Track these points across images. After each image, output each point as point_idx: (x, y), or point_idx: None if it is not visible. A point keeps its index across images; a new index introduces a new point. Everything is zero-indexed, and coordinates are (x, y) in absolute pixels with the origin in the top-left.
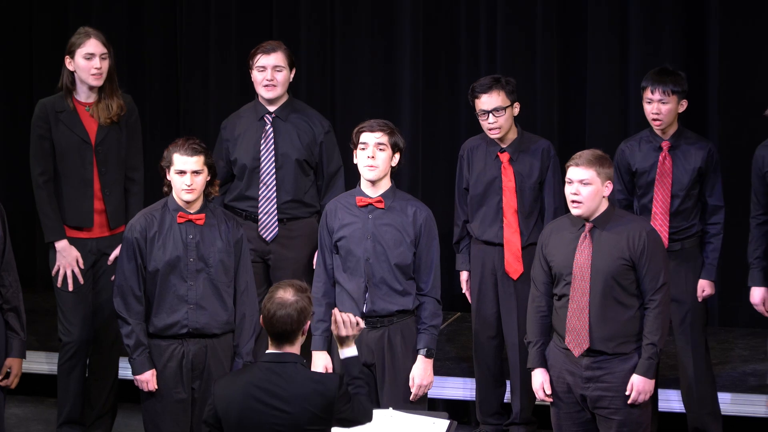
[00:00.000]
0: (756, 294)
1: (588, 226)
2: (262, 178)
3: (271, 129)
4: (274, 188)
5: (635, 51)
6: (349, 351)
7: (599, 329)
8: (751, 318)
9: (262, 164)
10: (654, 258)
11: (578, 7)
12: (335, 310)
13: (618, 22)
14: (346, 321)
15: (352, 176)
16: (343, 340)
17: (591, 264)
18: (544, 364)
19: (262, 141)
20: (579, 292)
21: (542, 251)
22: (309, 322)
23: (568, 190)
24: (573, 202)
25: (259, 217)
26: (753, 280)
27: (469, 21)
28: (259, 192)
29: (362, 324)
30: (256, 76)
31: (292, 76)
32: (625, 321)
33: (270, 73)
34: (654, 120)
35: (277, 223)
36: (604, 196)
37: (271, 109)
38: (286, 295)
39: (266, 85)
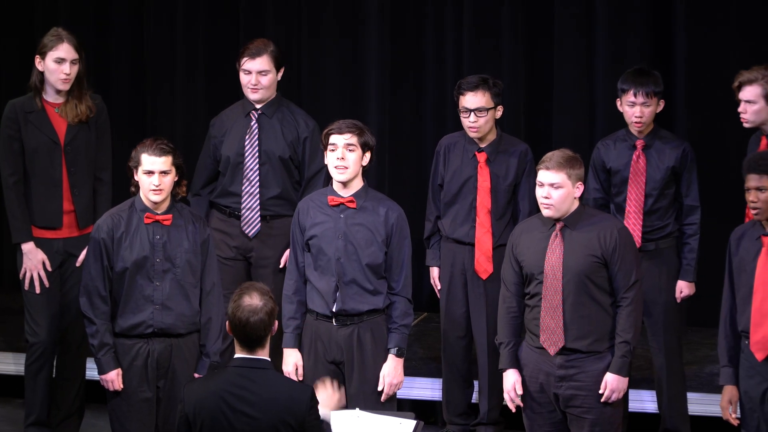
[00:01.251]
0: None
1: (559, 225)
2: (245, 173)
3: (256, 125)
4: (257, 184)
5: (602, 52)
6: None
7: (573, 327)
8: (718, 318)
9: (246, 160)
10: (626, 256)
11: (544, 8)
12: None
13: (584, 23)
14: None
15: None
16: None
17: (563, 263)
18: (515, 364)
19: (247, 137)
20: (551, 291)
21: (512, 251)
22: (276, 323)
23: (539, 193)
24: (544, 204)
25: (242, 212)
26: None
27: (436, 21)
28: (242, 188)
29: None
30: (243, 78)
31: (281, 75)
32: (599, 318)
33: (255, 77)
34: (636, 122)
35: (259, 219)
36: (575, 197)
37: (258, 105)
38: (253, 300)
39: (251, 89)
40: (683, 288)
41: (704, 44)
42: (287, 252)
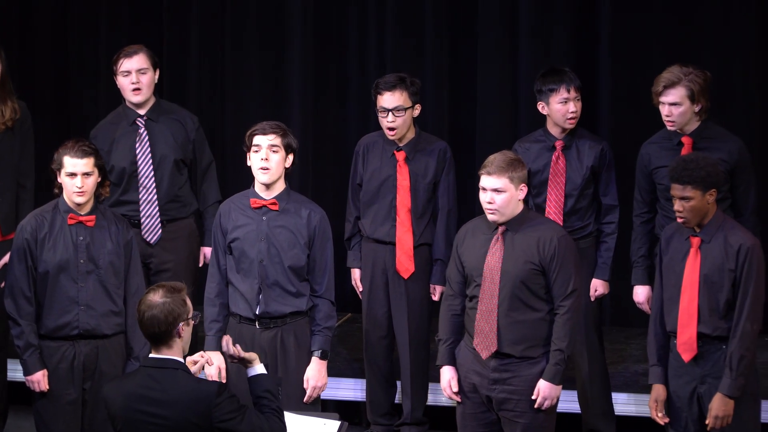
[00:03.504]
0: (640, 292)
1: (501, 229)
2: (141, 181)
3: (145, 132)
4: (154, 190)
5: (526, 50)
6: (254, 370)
7: (507, 332)
8: (644, 318)
9: (140, 167)
10: (565, 264)
11: (468, 6)
12: (226, 341)
13: (509, 21)
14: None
15: (247, 177)
16: (244, 362)
17: (501, 267)
18: (452, 361)
19: (137, 144)
20: (488, 295)
21: (457, 251)
22: (182, 324)
23: (483, 198)
24: (488, 210)
25: (142, 220)
26: (636, 279)
27: (359, 21)
28: (140, 195)
29: (240, 353)
30: (122, 81)
31: (157, 76)
32: (533, 325)
33: (135, 76)
34: (571, 119)
35: (160, 224)
36: (519, 200)
37: (141, 112)
38: (155, 297)
39: (133, 90)
40: (598, 286)
41: (628, 42)
42: (205, 250)
